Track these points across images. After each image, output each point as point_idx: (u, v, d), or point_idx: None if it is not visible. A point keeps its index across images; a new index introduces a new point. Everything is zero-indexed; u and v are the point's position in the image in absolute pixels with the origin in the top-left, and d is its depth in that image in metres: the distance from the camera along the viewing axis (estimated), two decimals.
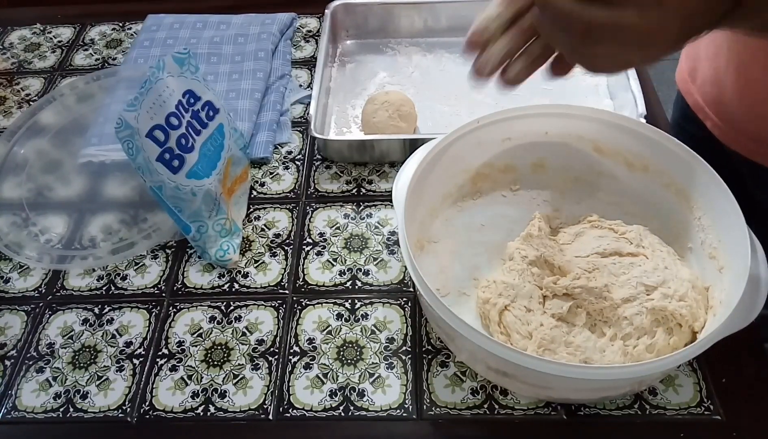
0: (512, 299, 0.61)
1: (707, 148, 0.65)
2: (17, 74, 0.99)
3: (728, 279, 0.57)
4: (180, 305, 0.69)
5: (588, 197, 0.73)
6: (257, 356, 0.64)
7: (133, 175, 0.78)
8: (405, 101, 0.83)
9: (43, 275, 0.73)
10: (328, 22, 0.94)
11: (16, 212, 0.77)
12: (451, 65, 0.95)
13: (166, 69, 0.66)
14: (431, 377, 0.62)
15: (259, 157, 0.83)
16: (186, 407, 0.61)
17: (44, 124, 0.84)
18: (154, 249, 0.74)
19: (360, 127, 0.86)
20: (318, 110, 0.82)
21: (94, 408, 0.62)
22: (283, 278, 0.71)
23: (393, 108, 0.81)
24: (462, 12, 0.97)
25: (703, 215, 0.63)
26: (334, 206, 0.78)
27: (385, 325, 0.66)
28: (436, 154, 0.66)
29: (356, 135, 0.85)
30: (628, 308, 0.60)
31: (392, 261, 0.72)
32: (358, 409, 0.60)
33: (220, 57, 0.95)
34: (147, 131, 0.64)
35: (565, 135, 0.70)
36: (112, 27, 1.06)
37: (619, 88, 0.86)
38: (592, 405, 0.59)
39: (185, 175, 0.68)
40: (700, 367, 0.61)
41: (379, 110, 0.82)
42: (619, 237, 0.66)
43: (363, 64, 0.96)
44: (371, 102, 0.83)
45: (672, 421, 0.58)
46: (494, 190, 0.74)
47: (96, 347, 0.66)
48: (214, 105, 0.72)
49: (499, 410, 0.60)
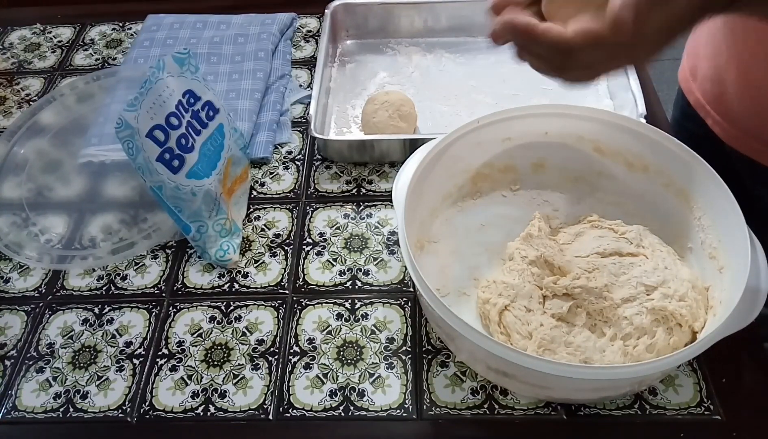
0: (512, 299, 0.61)
1: (707, 147, 0.65)
2: (17, 74, 0.99)
3: (728, 279, 0.57)
4: (180, 305, 0.69)
5: (588, 197, 0.73)
6: (257, 356, 0.64)
7: (133, 175, 0.78)
8: (405, 101, 0.83)
9: (43, 275, 0.73)
10: (328, 22, 0.94)
11: (16, 212, 0.77)
12: (451, 65, 0.95)
13: (166, 69, 0.66)
14: (431, 377, 0.62)
15: (259, 157, 0.83)
16: (186, 407, 0.61)
17: (44, 124, 0.84)
18: (154, 249, 0.75)
19: (360, 127, 0.86)
20: (318, 110, 0.82)
21: (94, 408, 0.62)
22: (283, 278, 0.71)
23: (393, 108, 0.81)
24: (462, 12, 0.97)
25: (703, 215, 0.63)
26: (334, 206, 0.78)
27: (385, 325, 0.66)
28: (436, 154, 0.66)
29: (356, 135, 0.85)
30: (628, 308, 0.60)
31: (392, 261, 0.72)
32: (358, 409, 0.60)
33: (220, 57, 0.95)
34: (147, 131, 0.64)
35: (565, 135, 0.70)
36: (112, 27, 1.06)
37: (619, 88, 0.86)
38: (592, 405, 0.59)
39: (185, 175, 0.68)
40: (700, 367, 0.61)
41: (379, 110, 0.82)
42: (619, 237, 0.66)
43: (363, 64, 0.96)
44: (371, 102, 0.83)
45: (672, 421, 0.58)
46: (494, 190, 0.74)
47: (96, 347, 0.66)
48: (214, 105, 0.72)
49: (499, 410, 0.60)
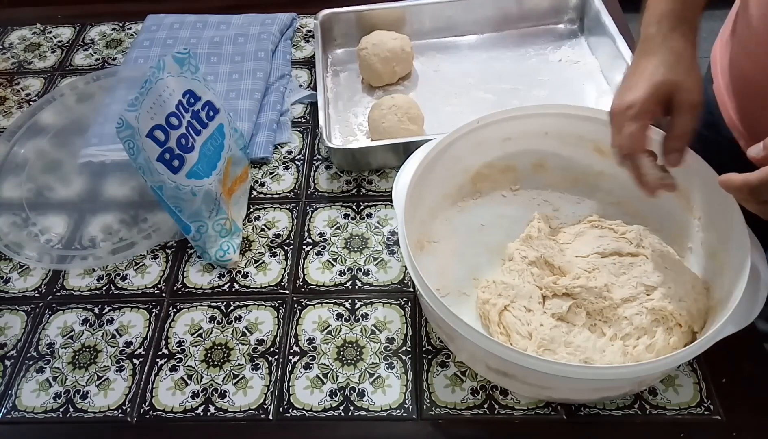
0: (512, 299, 0.61)
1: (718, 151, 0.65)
2: (17, 74, 0.99)
3: (728, 279, 0.57)
4: (180, 305, 0.69)
5: (588, 197, 0.73)
6: (257, 356, 0.64)
7: (133, 175, 0.78)
8: (412, 104, 0.82)
9: (43, 275, 0.73)
10: (319, 32, 0.94)
11: (16, 212, 0.77)
12: (445, 65, 0.95)
13: (167, 69, 0.66)
14: (431, 377, 0.62)
15: (259, 157, 0.83)
16: (186, 407, 0.61)
17: (44, 124, 0.84)
18: (154, 249, 0.74)
19: (366, 134, 0.86)
20: (325, 120, 0.81)
21: (94, 408, 0.62)
22: (283, 278, 0.71)
23: (402, 111, 0.81)
24: (445, 12, 0.97)
25: (703, 215, 0.63)
26: (334, 206, 0.78)
27: (385, 325, 0.66)
28: (436, 155, 0.66)
29: (375, 141, 0.82)
30: (628, 307, 0.60)
31: (392, 261, 0.72)
32: (358, 409, 0.60)
33: (220, 57, 0.95)
34: (147, 131, 0.64)
35: (565, 135, 0.70)
36: (112, 27, 1.06)
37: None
38: (592, 405, 0.59)
39: (185, 175, 0.68)
40: (700, 367, 0.61)
41: (388, 115, 0.81)
42: (619, 237, 0.66)
43: (355, 72, 0.95)
44: (377, 107, 0.83)
45: (672, 421, 0.58)
46: (494, 190, 0.74)
47: (96, 347, 0.66)
48: (214, 105, 0.72)
49: (499, 410, 0.60)
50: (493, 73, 0.93)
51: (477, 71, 0.94)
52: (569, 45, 0.96)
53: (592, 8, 0.94)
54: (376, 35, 0.91)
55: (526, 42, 0.97)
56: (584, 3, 0.96)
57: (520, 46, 0.97)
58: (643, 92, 0.56)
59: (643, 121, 0.56)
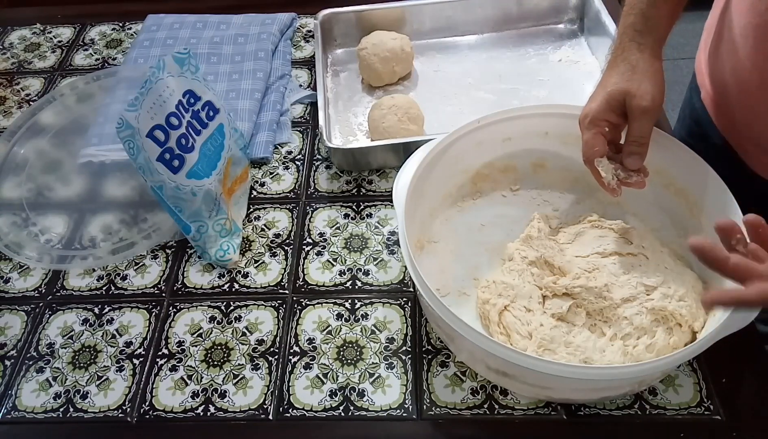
0: (512, 299, 0.62)
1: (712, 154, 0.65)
2: (17, 74, 0.99)
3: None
4: (180, 305, 0.69)
5: (588, 197, 0.73)
6: (257, 356, 0.64)
7: (133, 175, 0.78)
8: (412, 104, 0.82)
9: (43, 275, 0.73)
10: (319, 32, 0.94)
11: (16, 212, 0.77)
12: (445, 65, 0.95)
13: (167, 69, 0.66)
14: (431, 377, 0.62)
15: (259, 157, 0.83)
16: (186, 407, 0.61)
17: (44, 124, 0.84)
18: (154, 249, 0.74)
19: (366, 134, 0.86)
20: (325, 120, 0.81)
21: (94, 408, 0.62)
22: (283, 278, 0.71)
23: (402, 111, 0.81)
24: (444, 12, 0.97)
25: (703, 215, 0.63)
26: (334, 206, 0.78)
27: (385, 325, 0.66)
28: (436, 155, 0.66)
29: (375, 141, 0.82)
30: (628, 307, 0.60)
31: (392, 261, 0.72)
32: (358, 409, 0.60)
33: (220, 57, 0.95)
34: (147, 131, 0.64)
35: (565, 135, 0.70)
36: (112, 27, 1.06)
37: None
38: (592, 405, 0.59)
39: (185, 175, 0.68)
40: (700, 367, 0.61)
41: (388, 115, 0.81)
42: (619, 237, 0.66)
43: (355, 72, 0.95)
44: (377, 107, 0.83)
45: (672, 421, 0.58)
46: (494, 190, 0.74)
47: (96, 347, 0.66)
48: (214, 105, 0.72)
49: (499, 410, 0.60)
50: (493, 73, 0.93)
51: (477, 71, 0.94)
52: (569, 45, 0.96)
53: (592, 8, 0.94)
54: (376, 35, 0.91)
55: (526, 42, 0.97)
56: (584, 3, 0.96)
57: (520, 46, 0.97)
58: (597, 103, 0.61)
59: (596, 129, 0.61)
